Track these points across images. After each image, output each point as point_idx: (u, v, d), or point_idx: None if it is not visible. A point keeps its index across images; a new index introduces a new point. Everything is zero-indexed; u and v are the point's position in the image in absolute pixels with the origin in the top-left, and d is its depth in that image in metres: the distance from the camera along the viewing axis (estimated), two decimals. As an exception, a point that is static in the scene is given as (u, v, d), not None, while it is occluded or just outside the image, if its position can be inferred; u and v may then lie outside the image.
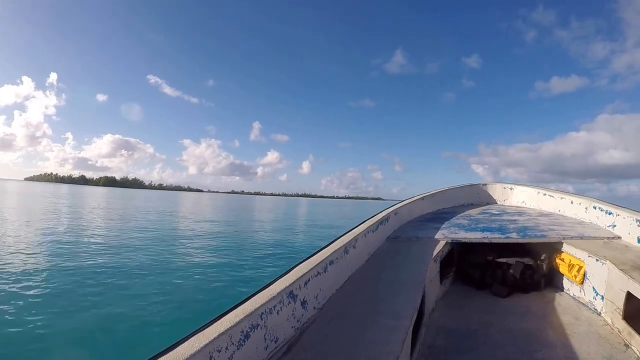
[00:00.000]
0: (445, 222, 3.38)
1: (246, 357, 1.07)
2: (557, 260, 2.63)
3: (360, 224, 2.46)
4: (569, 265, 2.50)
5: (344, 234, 2.15)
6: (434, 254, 2.44)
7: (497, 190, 4.74)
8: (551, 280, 2.71)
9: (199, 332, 0.98)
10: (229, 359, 0.99)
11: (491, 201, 4.69)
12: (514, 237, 2.75)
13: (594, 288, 2.25)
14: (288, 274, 1.45)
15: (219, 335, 0.97)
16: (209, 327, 1.00)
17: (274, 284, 1.35)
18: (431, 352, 1.80)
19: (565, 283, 2.56)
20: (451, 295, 2.62)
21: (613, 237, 2.68)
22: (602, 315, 2.13)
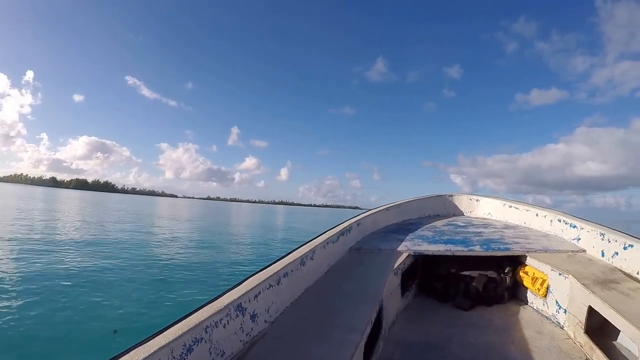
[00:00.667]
0: (410, 234, 3.32)
1: None
2: (521, 274, 2.60)
3: (320, 235, 2.39)
4: (533, 279, 2.47)
5: (301, 245, 2.09)
6: (395, 266, 2.39)
7: (463, 202, 4.73)
8: (515, 293, 2.68)
9: (140, 345, 0.96)
10: None
11: (458, 212, 4.67)
12: (477, 250, 2.72)
13: (557, 301, 2.24)
14: (238, 287, 1.42)
15: (160, 348, 0.95)
16: (150, 341, 0.98)
17: (222, 297, 1.31)
18: None
19: (529, 296, 2.53)
20: (413, 308, 2.56)
21: (577, 250, 2.66)
22: (565, 328, 2.12)
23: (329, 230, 2.60)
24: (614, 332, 1.78)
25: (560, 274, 2.23)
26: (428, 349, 1.99)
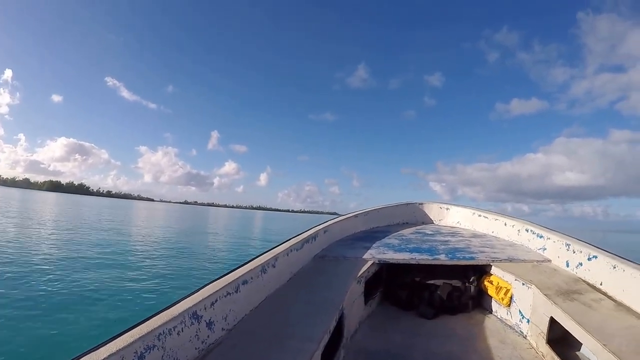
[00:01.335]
0: (377, 242, 3.28)
1: None
2: (486, 283, 2.59)
3: (283, 242, 2.37)
4: (497, 288, 2.46)
5: (263, 253, 2.07)
6: (359, 274, 2.37)
7: (433, 210, 4.72)
8: (480, 301, 2.67)
9: (89, 353, 0.95)
10: None
11: (427, 221, 4.65)
12: (442, 259, 2.70)
13: (520, 311, 2.24)
14: (194, 294, 1.40)
15: (109, 355, 0.94)
16: (101, 348, 0.97)
17: (177, 304, 1.30)
18: None
19: (494, 305, 2.53)
20: (377, 316, 2.54)
21: (543, 260, 2.66)
22: (528, 338, 2.12)
23: (294, 237, 2.55)
24: (575, 343, 1.77)
25: (523, 284, 2.23)
26: (389, 357, 1.97)
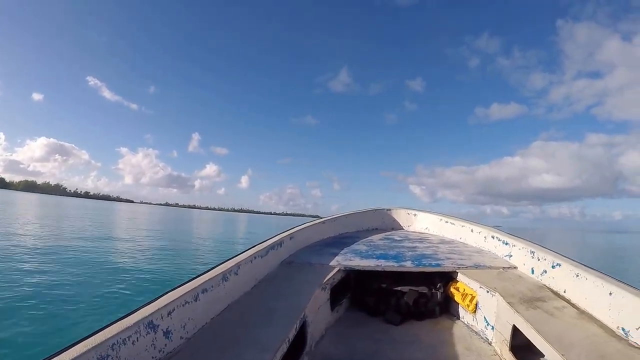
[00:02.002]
0: (345, 248, 3.24)
1: None
2: (452, 289, 2.58)
3: (248, 249, 2.33)
4: (463, 295, 2.46)
5: (226, 260, 2.04)
6: (325, 281, 2.34)
7: (401, 216, 4.73)
8: (447, 307, 2.67)
9: None
10: None
11: (396, 226, 4.66)
12: (408, 266, 2.68)
13: (485, 318, 2.24)
14: (150, 304, 1.39)
15: None
16: (54, 359, 0.97)
17: (132, 314, 1.29)
18: None
19: (461, 311, 2.53)
20: (344, 323, 2.51)
21: (509, 267, 2.66)
22: (493, 345, 2.12)
23: (259, 244, 2.51)
24: (538, 351, 1.74)
25: (488, 292, 2.22)
26: None
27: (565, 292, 2.08)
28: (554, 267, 2.23)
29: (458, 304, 2.52)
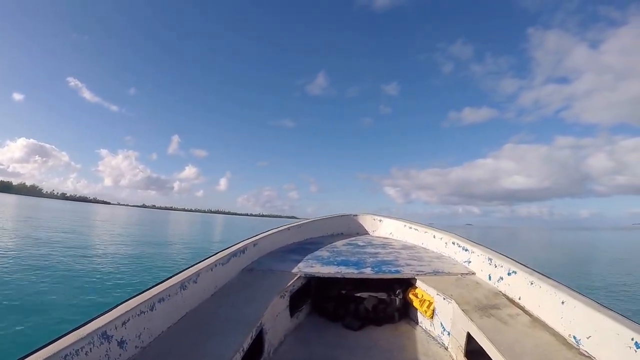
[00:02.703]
0: (308, 254, 3.24)
1: None
2: (411, 295, 2.60)
3: (209, 256, 2.32)
4: (421, 301, 2.48)
5: (186, 269, 2.02)
6: (284, 288, 2.34)
7: (367, 221, 4.78)
8: (406, 313, 2.69)
9: None
10: None
11: (362, 232, 4.69)
12: (368, 273, 2.68)
13: (442, 324, 2.26)
14: (105, 314, 1.38)
15: None
16: None
17: (86, 325, 1.28)
18: None
19: (419, 316, 2.54)
20: (304, 329, 2.51)
21: (467, 273, 2.69)
22: (449, 350, 2.14)
23: (221, 251, 2.49)
24: (490, 358, 1.75)
25: (444, 298, 2.24)
26: None
27: (520, 299, 2.10)
28: (509, 274, 2.25)
29: (417, 309, 2.53)
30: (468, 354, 1.92)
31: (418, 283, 2.61)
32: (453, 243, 3.18)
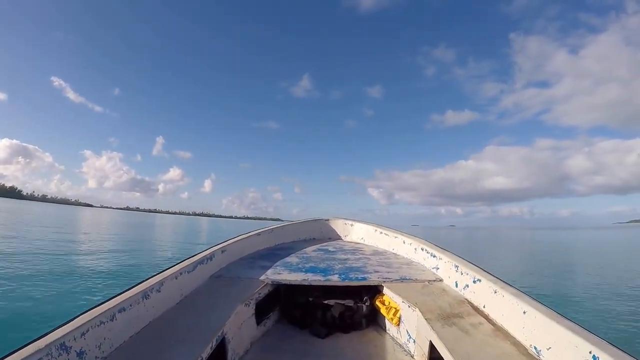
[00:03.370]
0: (278, 260, 3.19)
1: None
2: (378, 303, 2.58)
3: (175, 264, 2.29)
4: (388, 308, 2.47)
5: (149, 277, 2.00)
6: (250, 296, 2.31)
7: (338, 226, 4.76)
8: (375, 319, 2.67)
9: None
10: None
11: (334, 236, 4.66)
12: (335, 280, 2.65)
13: (407, 331, 2.26)
14: (63, 326, 1.38)
15: None
16: None
17: (44, 337, 1.28)
18: None
19: (387, 323, 2.53)
20: (271, 336, 2.47)
21: (435, 280, 2.67)
22: (415, 357, 2.13)
23: (188, 258, 2.45)
24: None
25: (409, 306, 2.23)
26: None
27: (484, 307, 2.09)
28: (475, 282, 2.25)
29: (384, 317, 2.52)
30: None
31: (385, 290, 2.59)
32: (422, 249, 3.17)
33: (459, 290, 2.40)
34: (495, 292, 1.99)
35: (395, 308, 2.41)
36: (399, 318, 2.35)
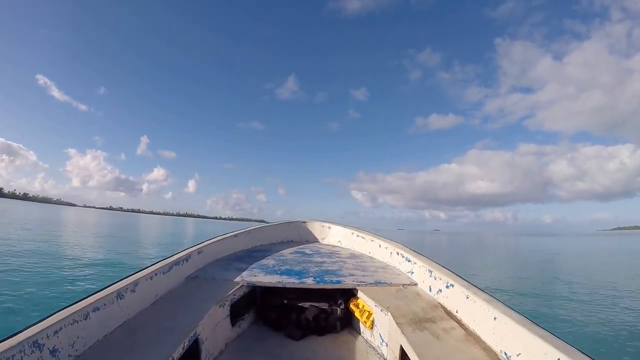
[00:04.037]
0: (254, 262, 3.19)
1: None
2: (352, 306, 2.60)
3: (151, 265, 2.31)
4: (362, 311, 2.49)
5: (124, 278, 2.02)
6: (225, 297, 2.32)
7: (316, 228, 4.76)
8: (349, 323, 2.69)
9: None
10: None
11: (311, 239, 4.66)
12: (309, 282, 2.67)
13: (380, 335, 2.27)
14: (37, 324, 1.40)
15: None
16: None
17: (17, 334, 1.30)
18: None
19: (361, 326, 2.55)
20: (246, 338, 2.48)
21: (410, 284, 2.69)
22: None
23: (163, 259, 2.47)
24: None
25: (381, 310, 2.24)
26: None
27: (457, 312, 2.10)
28: (448, 287, 2.27)
29: (358, 320, 2.53)
30: None
31: (359, 294, 2.60)
32: (397, 253, 3.19)
33: (433, 295, 2.42)
34: (468, 297, 2.01)
35: (368, 311, 2.42)
36: (372, 322, 2.36)
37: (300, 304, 2.65)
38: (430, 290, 2.46)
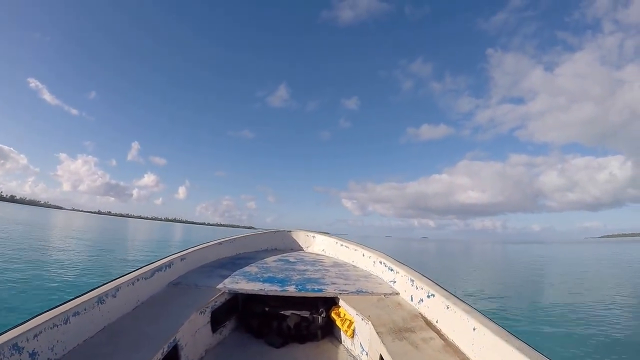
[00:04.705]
0: (237, 270, 3.18)
1: None
2: (333, 315, 2.59)
3: (131, 271, 2.30)
4: (343, 320, 2.48)
5: (105, 283, 2.02)
6: (206, 304, 2.31)
7: (300, 237, 4.79)
8: (331, 331, 2.69)
9: None
10: None
11: (295, 247, 4.69)
12: (291, 290, 2.66)
13: (361, 344, 2.27)
14: (17, 327, 1.41)
15: None
16: None
17: None
18: None
19: (342, 335, 2.54)
20: (226, 345, 2.47)
21: (392, 293, 2.69)
22: None
23: (146, 265, 2.47)
24: None
25: (362, 319, 2.24)
26: None
27: (437, 322, 2.10)
28: (429, 296, 2.26)
29: (339, 328, 2.53)
30: None
31: (341, 302, 2.61)
32: (380, 262, 3.19)
33: (414, 305, 2.42)
34: (448, 307, 2.00)
35: (350, 320, 2.42)
36: (353, 330, 2.36)
37: (282, 312, 2.64)
38: (412, 299, 2.46)
